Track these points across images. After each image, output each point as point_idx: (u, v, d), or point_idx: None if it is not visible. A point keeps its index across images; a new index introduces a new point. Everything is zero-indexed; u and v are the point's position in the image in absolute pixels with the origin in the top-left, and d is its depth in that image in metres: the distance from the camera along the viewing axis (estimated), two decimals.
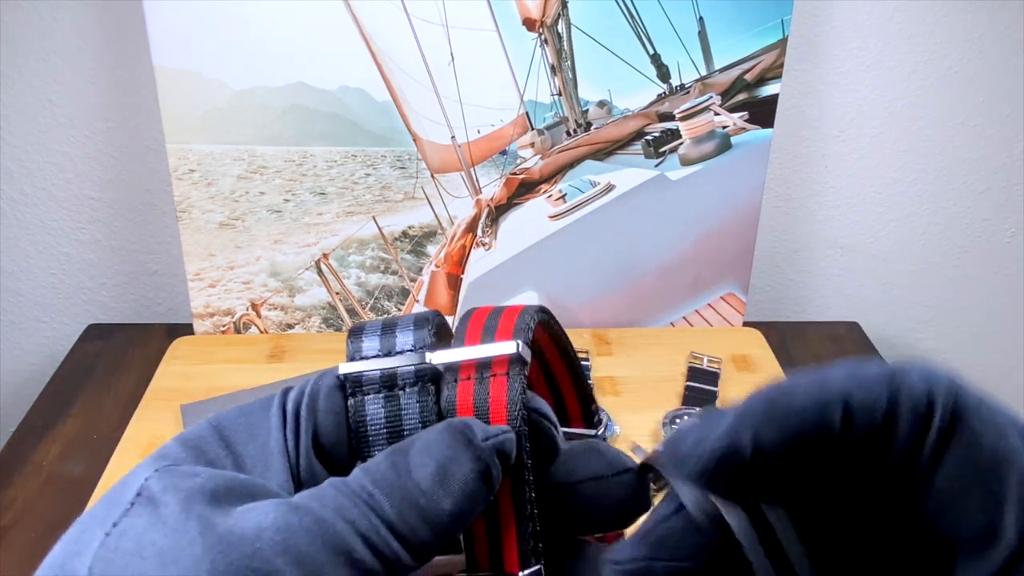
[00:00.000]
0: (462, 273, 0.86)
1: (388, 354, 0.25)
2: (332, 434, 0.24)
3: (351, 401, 0.24)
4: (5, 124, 0.83)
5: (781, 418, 0.18)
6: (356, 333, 0.25)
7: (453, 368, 0.24)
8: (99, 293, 0.92)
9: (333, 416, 0.24)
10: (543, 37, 0.77)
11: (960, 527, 0.17)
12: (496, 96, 0.79)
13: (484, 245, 0.85)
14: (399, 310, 0.87)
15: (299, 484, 0.23)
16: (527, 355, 0.24)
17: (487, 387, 0.24)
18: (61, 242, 0.89)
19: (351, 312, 0.87)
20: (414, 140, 0.80)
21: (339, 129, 0.80)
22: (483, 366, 0.24)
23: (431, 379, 0.24)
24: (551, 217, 0.84)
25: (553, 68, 0.79)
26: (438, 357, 0.24)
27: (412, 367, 0.24)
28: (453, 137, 0.81)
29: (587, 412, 0.30)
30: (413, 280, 0.86)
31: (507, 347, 0.24)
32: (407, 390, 0.24)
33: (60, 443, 0.74)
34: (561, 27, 0.77)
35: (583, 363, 0.82)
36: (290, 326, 0.87)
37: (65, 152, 0.85)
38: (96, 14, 0.79)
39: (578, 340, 0.86)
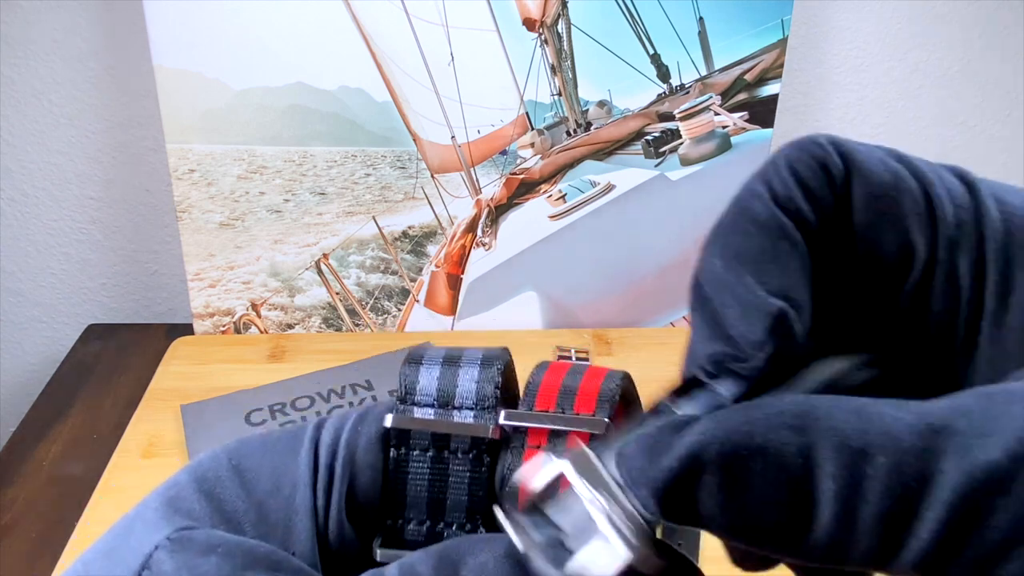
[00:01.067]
0: (462, 273, 0.86)
1: (445, 405, 0.21)
2: (369, 491, 0.21)
3: (393, 453, 0.21)
4: (5, 124, 0.83)
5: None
6: (413, 362, 0.22)
7: (521, 431, 0.21)
8: (99, 293, 0.92)
9: (371, 472, 0.21)
10: (543, 37, 0.77)
11: (883, 257, 0.18)
12: (496, 96, 0.79)
13: (484, 245, 0.85)
14: (399, 310, 0.87)
15: (325, 546, 0.21)
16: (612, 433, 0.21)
17: None
18: (61, 242, 0.89)
19: (351, 312, 0.87)
20: (414, 140, 0.80)
21: (339, 129, 0.80)
22: (558, 436, 0.21)
23: (488, 449, 0.21)
24: (551, 217, 0.84)
25: (553, 68, 0.79)
26: (508, 417, 0.21)
27: (468, 437, 0.21)
28: (453, 137, 0.81)
29: None
30: (413, 280, 0.86)
31: (593, 423, 0.21)
32: (458, 456, 0.21)
33: (60, 443, 0.74)
34: (561, 27, 0.77)
35: (583, 363, 0.82)
36: (290, 326, 0.87)
37: (65, 152, 0.85)
38: (96, 14, 0.79)
39: (578, 340, 0.86)
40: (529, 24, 0.77)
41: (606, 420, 0.21)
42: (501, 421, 0.21)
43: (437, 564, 0.18)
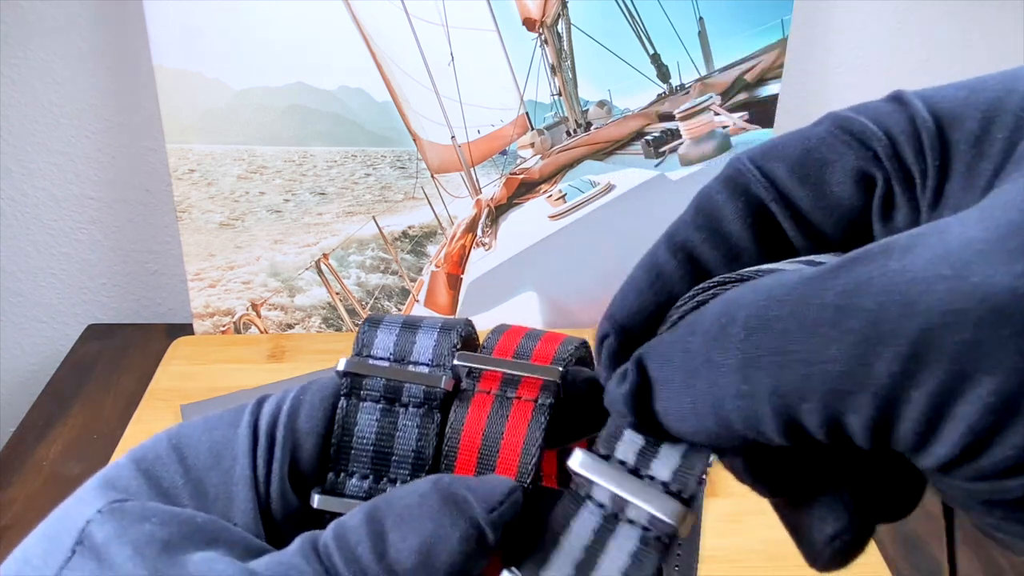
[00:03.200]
0: (462, 273, 0.86)
1: (401, 360, 0.22)
2: (312, 460, 0.21)
3: (343, 402, 0.21)
4: (5, 124, 0.83)
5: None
6: (372, 323, 0.22)
7: (474, 375, 0.21)
8: (99, 293, 0.92)
9: (315, 438, 0.21)
10: (543, 37, 0.77)
11: (842, 198, 0.20)
12: (496, 96, 0.79)
13: (484, 245, 0.85)
14: (399, 310, 0.87)
15: (268, 517, 0.21)
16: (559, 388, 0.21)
17: (506, 414, 0.21)
18: (61, 242, 0.89)
19: (351, 312, 0.87)
20: (414, 140, 0.80)
21: (339, 129, 0.80)
22: (510, 382, 0.21)
23: (440, 404, 0.21)
24: (551, 217, 0.84)
25: (553, 68, 0.79)
26: (462, 359, 0.21)
27: (422, 386, 0.21)
28: (453, 137, 0.81)
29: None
30: (413, 280, 0.86)
31: (546, 371, 0.21)
32: (410, 409, 0.21)
33: (60, 443, 0.74)
34: (561, 27, 0.77)
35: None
36: (290, 326, 0.87)
37: (65, 152, 0.85)
38: (96, 14, 0.79)
39: None
40: (529, 24, 0.77)
41: (560, 368, 0.21)
42: (455, 362, 0.21)
43: (370, 514, 0.18)
